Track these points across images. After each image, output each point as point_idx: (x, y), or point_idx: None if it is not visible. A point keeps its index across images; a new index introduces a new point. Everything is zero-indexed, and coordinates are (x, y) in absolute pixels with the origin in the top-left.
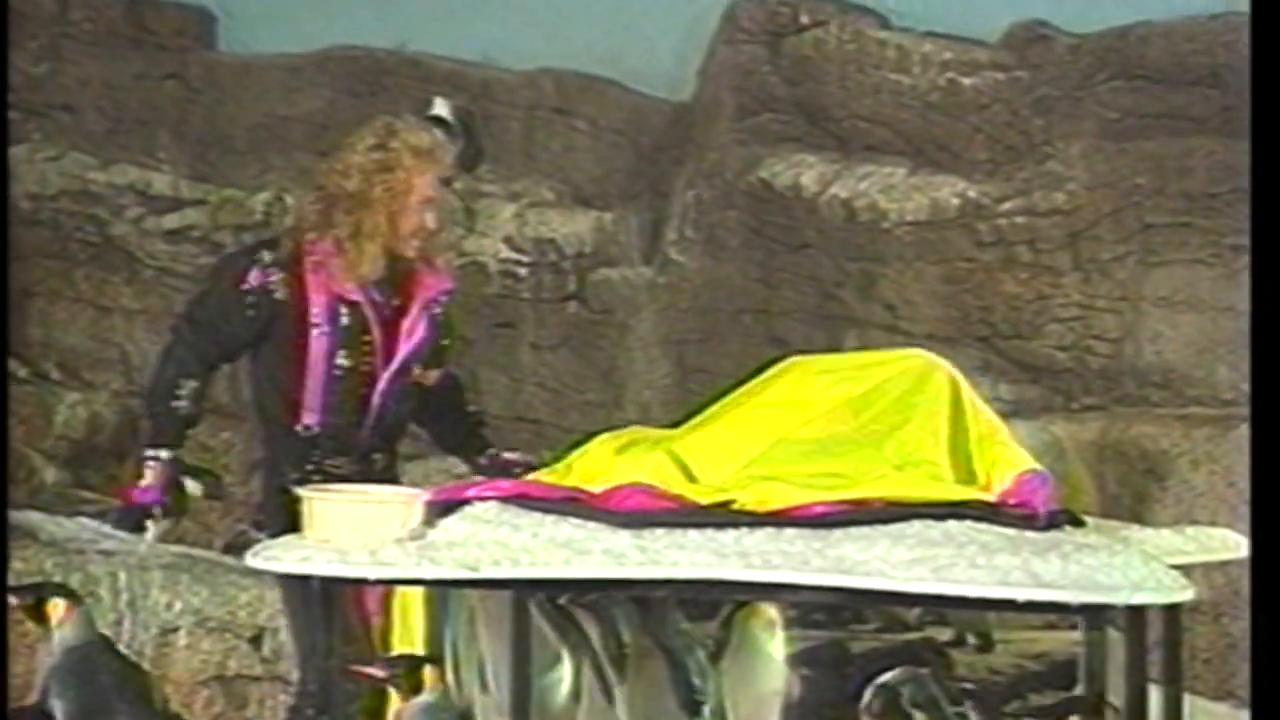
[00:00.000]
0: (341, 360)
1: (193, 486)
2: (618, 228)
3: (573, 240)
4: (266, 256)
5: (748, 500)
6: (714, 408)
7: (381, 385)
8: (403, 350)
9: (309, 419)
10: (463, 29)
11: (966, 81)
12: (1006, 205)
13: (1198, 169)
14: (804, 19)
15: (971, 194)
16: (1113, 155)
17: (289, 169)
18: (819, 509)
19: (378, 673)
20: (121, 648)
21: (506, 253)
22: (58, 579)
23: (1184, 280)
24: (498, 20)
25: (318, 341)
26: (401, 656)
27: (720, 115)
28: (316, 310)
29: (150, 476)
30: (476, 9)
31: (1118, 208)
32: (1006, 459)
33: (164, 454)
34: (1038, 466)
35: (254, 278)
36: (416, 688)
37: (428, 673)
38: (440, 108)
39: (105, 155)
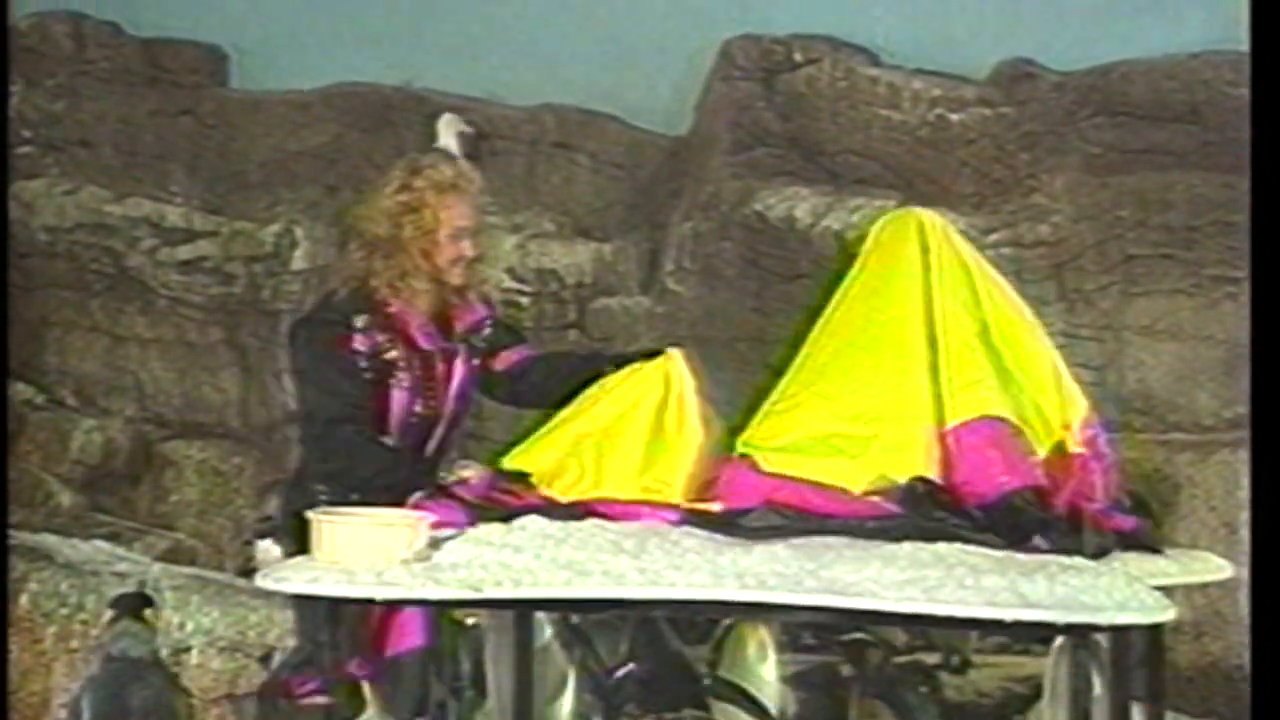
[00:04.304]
0: (418, 409)
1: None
2: (617, 258)
3: (573, 271)
4: (359, 321)
5: None
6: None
7: (440, 430)
8: (453, 392)
9: None
10: (467, 66)
11: (954, 117)
12: (993, 237)
13: (1178, 202)
14: (798, 57)
15: (959, 226)
16: (1096, 189)
17: (298, 202)
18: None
19: (319, 698)
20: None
21: (509, 283)
22: (73, 600)
23: (1165, 310)
24: (501, 58)
25: (399, 395)
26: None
27: (716, 150)
28: (401, 362)
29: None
30: (481, 47)
31: (1101, 240)
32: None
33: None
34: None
35: (359, 342)
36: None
37: (368, 691)
38: (445, 137)
39: (120, 189)
